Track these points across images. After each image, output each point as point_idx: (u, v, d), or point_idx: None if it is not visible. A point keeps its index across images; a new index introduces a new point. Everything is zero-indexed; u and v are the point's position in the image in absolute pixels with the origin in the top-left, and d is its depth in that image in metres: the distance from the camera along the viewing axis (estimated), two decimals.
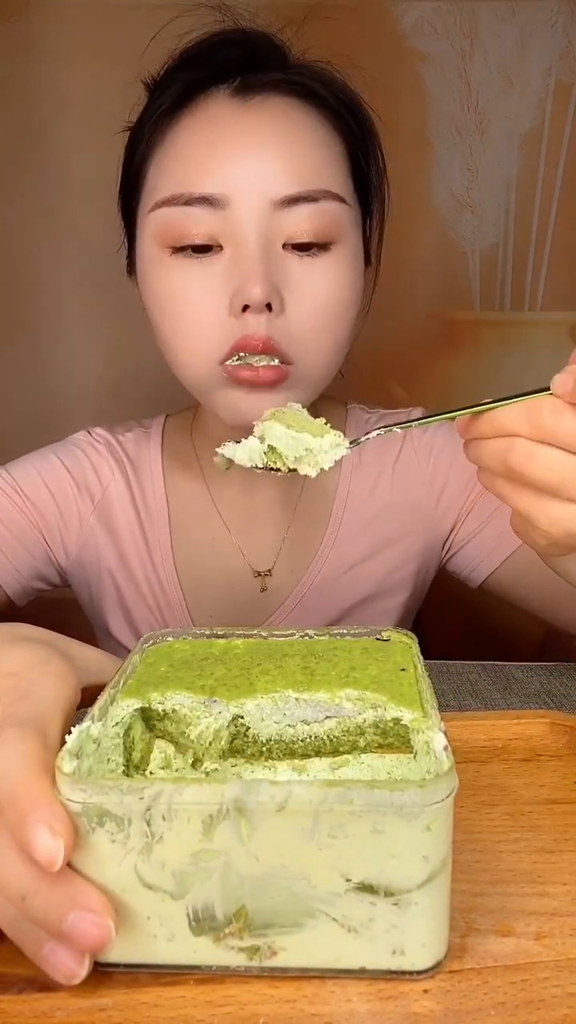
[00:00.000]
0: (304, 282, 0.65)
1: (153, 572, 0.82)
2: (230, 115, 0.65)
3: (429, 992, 0.35)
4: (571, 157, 1.28)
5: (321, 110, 0.68)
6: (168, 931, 0.35)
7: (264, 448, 0.51)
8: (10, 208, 1.30)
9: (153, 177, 0.68)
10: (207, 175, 0.64)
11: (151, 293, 0.69)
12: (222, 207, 0.64)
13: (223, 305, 0.65)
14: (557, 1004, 0.34)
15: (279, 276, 0.65)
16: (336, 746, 0.45)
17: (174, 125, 0.67)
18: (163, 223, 0.66)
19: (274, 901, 0.34)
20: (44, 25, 1.23)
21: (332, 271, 0.67)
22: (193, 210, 0.64)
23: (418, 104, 1.26)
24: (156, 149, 0.68)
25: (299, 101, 0.67)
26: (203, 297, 0.65)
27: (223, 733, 0.44)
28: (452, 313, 1.35)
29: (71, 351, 1.35)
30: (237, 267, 0.64)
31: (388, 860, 0.34)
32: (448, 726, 0.54)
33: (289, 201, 0.64)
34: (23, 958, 0.36)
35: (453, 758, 0.36)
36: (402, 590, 0.86)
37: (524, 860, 0.44)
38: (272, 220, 0.64)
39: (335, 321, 0.68)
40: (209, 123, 0.65)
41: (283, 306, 0.65)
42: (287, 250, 0.65)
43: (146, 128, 0.69)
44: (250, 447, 0.51)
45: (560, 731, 0.56)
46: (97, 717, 0.41)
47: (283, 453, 0.51)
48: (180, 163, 0.65)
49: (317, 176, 0.65)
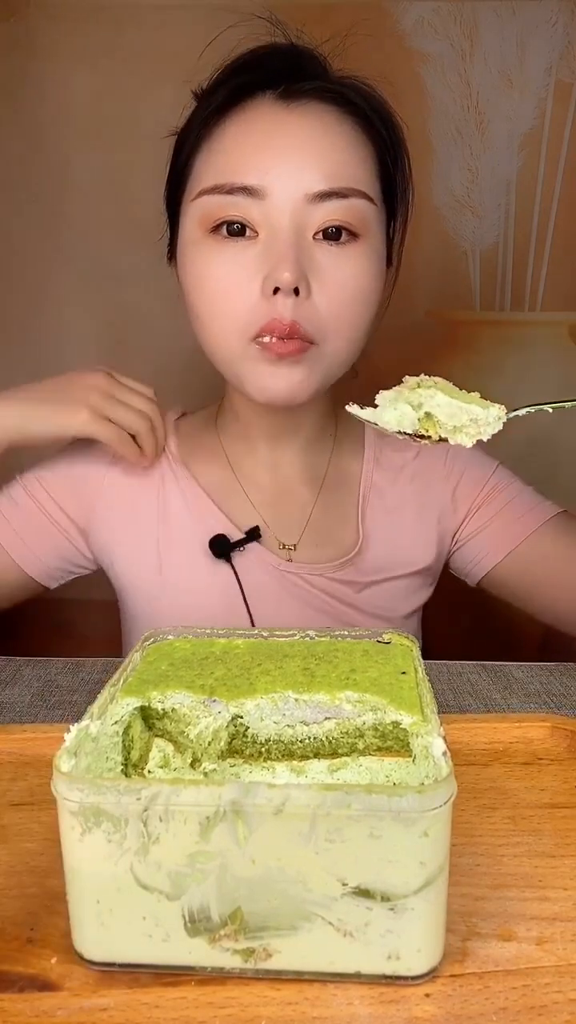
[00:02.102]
0: (331, 270, 0.71)
1: (182, 543, 0.84)
2: (274, 117, 0.72)
3: (431, 996, 0.35)
4: (571, 157, 1.28)
5: (356, 118, 0.74)
6: (163, 932, 0.35)
7: (419, 415, 0.51)
8: (10, 208, 1.29)
9: (199, 169, 0.74)
10: (249, 168, 0.70)
11: (190, 274, 0.75)
12: (260, 197, 0.70)
13: (255, 286, 0.70)
14: (558, 1010, 0.34)
15: (308, 264, 0.70)
16: (335, 748, 0.45)
17: (222, 123, 0.73)
18: (206, 209, 0.72)
19: (270, 904, 0.34)
20: (44, 25, 1.23)
21: (357, 262, 0.72)
22: (234, 198, 0.70)
23: (418, 104, 1.26)
24: (203, 144, 0.74)
25: (337, 108, 0.73)
26: (238, 278, 0.71)
27: (222, 733, 0.44)
28: (452, 313, 1.35)
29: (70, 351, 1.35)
30: (270, 252, 0.70)
31: (385, 865, 0.33)
32: (448, 729, 0.54)
33: (321, 196, 0.70)
34: (24, 957, 0.36)
35: (452, 763, 0.35)
36: (421, 573, 0.87)
37: (525, 864, 0.43)
38: (305, 212, 0.70)
39: (357, 308, 0.73)
40: (254, 122, 0.72)
41: (310, 291, 0.70)
42: (317, 240, 0.71)
43: (196, 126, 0.75)
44: (401, 412, 0.51)
45: (561, 735, 0.56)
46: (96, 715, 0.41)
47: (441, 422, 0.51)
48: (225, 156, 0.72)
49: (348, 176, 0.71)
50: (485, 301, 1.35)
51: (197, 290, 0.74)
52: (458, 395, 0.51)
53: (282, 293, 0.69)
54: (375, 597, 0.85)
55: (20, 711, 0.66)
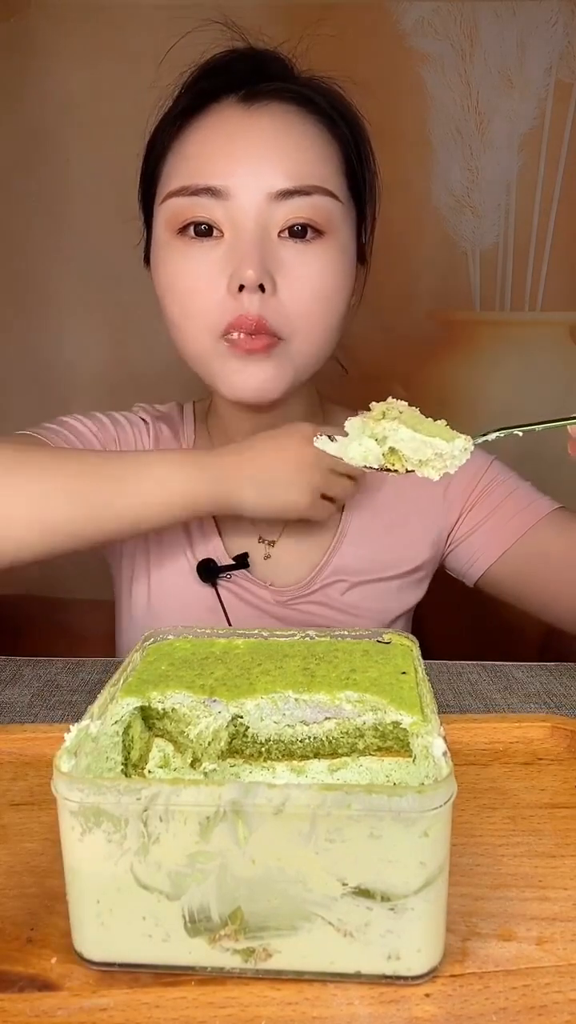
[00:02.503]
0: (296, 266, 0.72)
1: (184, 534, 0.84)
2: (236, 119, 0.73)
3: (431, 996, 0.35)
4: (571, 157, 1.28)
5: (318, 116, 0.75)
6: (163, 931, 0.35)
7: (383, 450, 0.50)
8: (10, 207, 1.30)
9: (167, 173, 0.75)
10: (213, 170, 0.71)
11: (161, 275, 0.76)
12: (224, 198, 0.71)
13: (222, 285, 0.72)
14: (558, 1010, 0.34)
15: (273, 262, 0.72)
16: (335, 748, 0.45)
17: (187, 127, 0.74)
18: (173, 211, 0.73)
19: (270, 904, 0.34)
20: (44, 25, 1.23)
21: (322, 258, 0.73)
22: (200, 199, 0.71)
23: (418, 104, 1.26)
24: (170, 148, 0.75)
25: (298, 108, 0.74)
26: (205, 276, 0.72)
27: (222, 733, 0.44)
28: (452, 313, 1.35)
29: (71, 347, 1.35)
30: (235, 251, 0.71)
31: (385, 865, 0.33)
32: (449, 729, 0.54)
33: (284, 194, 0.71)
34: (24, 957, 0.36)
35: (452, 763, 0.35)
36: (410, 574, 0.87)
37: (525, 864, 0.43)
38: (268, 211, 0.71)
39: (324, 304, 0.74)
40: (217, 126, 0.73)
41: (275, 288, 0.72)
42: (283, 238, 0.72)
43: (163, 131, 0.76)
44: (366, 447, 0.50)
45: (561, 735, 0.56)
46: (96, 715, 0.41)
47: (406, 456, 0.50)
48: (190, 159, 0.73)
49: (311, 174, 0.72)
50: (485, 301, 1.35)
51: (168, 290, 0.75)
52: (423, 426, 0.50)
53: (247, 290, 0.70)
54: (363, 599, 0.84)
55: (20, 711, 0.66)
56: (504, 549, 0.84)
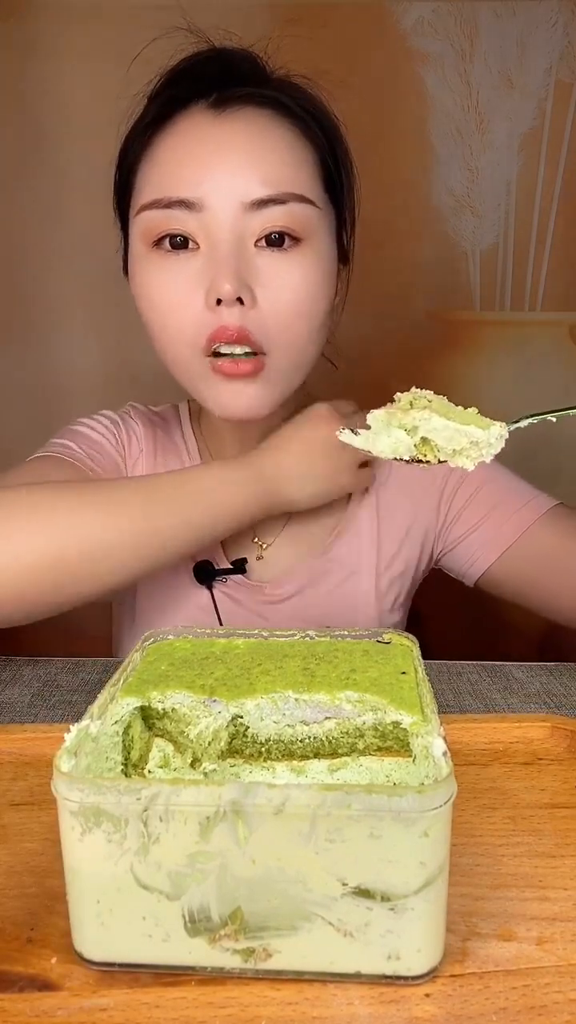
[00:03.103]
0: (274, 276, 0.70)
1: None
2: (206, 126, 0.71)
3: (431, 996, 0.35)
4: (571, 157, 1.28)
5: (291, 120, 0.73)
6: (163, 931, 0.35)
7: (415, 440, 0.48)
8: (10, 208, 1.30)
9: (139, 185, 0.73)
10: (184, 181, 0.69)
11: (139, 287, 0.74)
12: (198, 210, 0.69)
13: (200, 299, 0.70)
14: (558, 1010, 0.34)
15: (250, 273, 0.70)
16: (335, 748, 0.45)
17: (157, 136, 0.72)
18: (147, 224, 0.71)
19: (270, 904, 0.34)
20: (44, 25, 1.23)
21: (301, 267, 0.71)
22: (173, 212, 0.70)
23: (418, 104, 1.26)
24: (141, 158, 0.73)
25: (270, 112, 0.72)
26: (182, 291, 0.71)
27: (222, 733, 0.44)
28: (452, 313, 1.35)
29: (72, 349, 1.35)
30: (211, 264, 0.69)
31: (385, 865, 0.33)
32: (449, 729, 0.54)
33: (259, 203, 0.69)
34: (24, 957, 0.36)
35: (452, 763, 0.35)
36: (403, 574, 0.87)
37: (525, 864, 0.43)
38: (243, 221, 0.69)
39: (305, 313, 0.72)
40: (187, 134, 0.71)
41: (255, 300, 0.70)
42: (259, 247, 0.70)
43: (133, 138, 0.74)
44: (396, 439, 0.48)
45: (561, 735, 0.56)
46: (96, 715, 0.41)
47: (439, 446, 0.47)
48: (161, 170, 0.71)
49: (285, 180, 0.70)
50: (485, 301, 1.35)
51: (147, 304, 0.74)
52: (454, 413, 0.48)
53: (225, 303, 0.68)
54: (355, 597, 0.84)
55: (20, 711, 0.66)
56: (502, 550, 0.83)
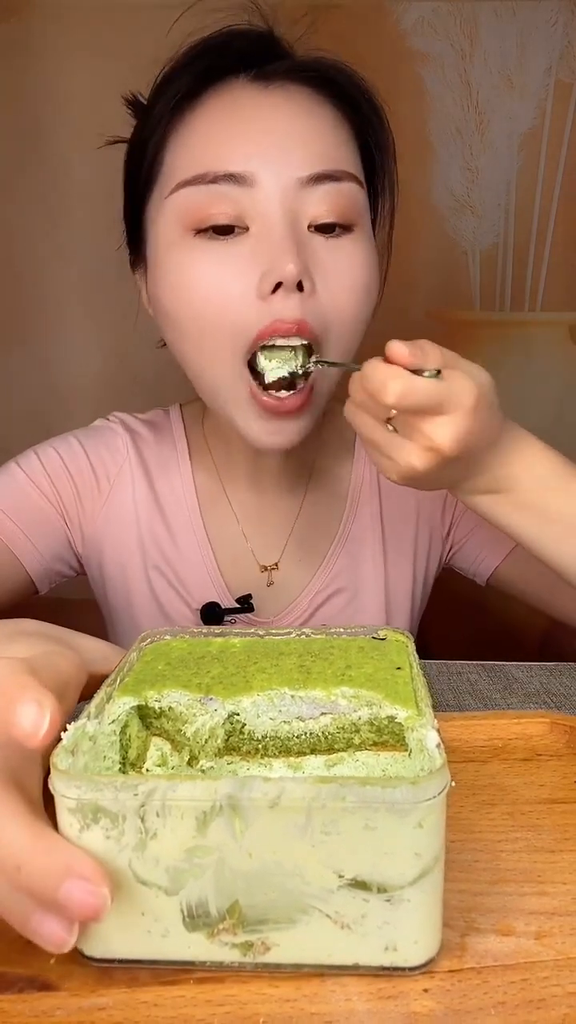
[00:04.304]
0: (331, 263, 0.65)
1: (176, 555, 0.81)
2: (252, 99, 0.66)
3: (429, 991, 0.35)
4: (571, 157, 1.28)
5: (333, 98, 0.69)
6: (162, 927, 0.35)
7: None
8: (10, 208, 1.30)
9: (172, 163, 0.67)
10: (232, 154, 0.63)
11: (168, 283, 0.67)
12: (248, 185, 0.63)
13: (251, 287, 0.63)
14: (557, 1004, 0.34)
15: (307, 257, 0.63)
16: (331, 743, 0.45)
17: (194, 109, 0.66)
18: (186, 205, 0.64)
19: (267, 897, 0.34)
20: (44, 25, 1.23)
21: (356, 254, 0.67)
22: (219, 188, 0.63)
23: (418, 104, 1.26)
24: (172, 136, 0.67)
25: (312, 90, 0.68)
26: (230, 279, 0.63)
27: (219, 730, 0.44)
28: (452, 313, 1.35)
29: (72, 350, 1.35)
30: (265, 245, 0.63)
31: (381, 857, 0.33)
32: (447, 726, 0.54)
33: (314, 179, 0.64)
34: (23, 958, 0.35)
35: (446, 755, 0.35)
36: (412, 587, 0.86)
37: (524, 859, 0.43)
38: (297, 198, 0.64)
39: (361, 304, 0.68)
40: (231, 106, 0.65)
41: (314, 287, 0.64)
42: (311, 231, 0.65)
43: (162, 114, 0.68)
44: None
45: (560, 731, 0.56)
46: (93, 714, 0.41)
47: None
48: (203, 144, 0.65)
49: (338, 158, 0.65)
50: (485, 301, 1.35)
51: (179, 300, 0.66)
52: None
53: (284, 289, 0.61)
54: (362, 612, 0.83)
55: None
56: (511, 546, 0.82)
